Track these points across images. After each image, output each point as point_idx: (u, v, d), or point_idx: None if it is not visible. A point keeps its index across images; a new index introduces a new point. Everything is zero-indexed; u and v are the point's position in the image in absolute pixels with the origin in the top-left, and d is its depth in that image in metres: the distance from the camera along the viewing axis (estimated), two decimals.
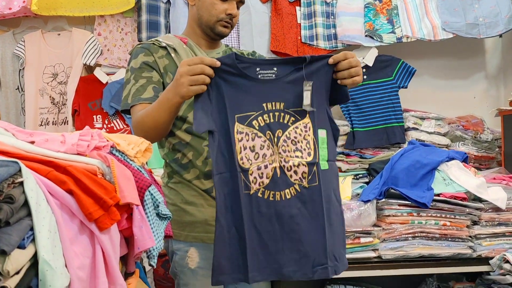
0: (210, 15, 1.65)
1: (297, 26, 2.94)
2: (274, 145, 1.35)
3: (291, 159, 1.34)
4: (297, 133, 1.36)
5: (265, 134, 1.35)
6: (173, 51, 1.65)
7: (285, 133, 1.35)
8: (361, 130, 2.80)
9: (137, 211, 1.08)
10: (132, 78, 1.61)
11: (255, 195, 1.33)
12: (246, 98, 1.34)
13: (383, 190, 1.74)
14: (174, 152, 1.66)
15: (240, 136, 1.34)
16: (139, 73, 1.61)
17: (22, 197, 0.81)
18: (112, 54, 2.86)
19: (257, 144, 1.34)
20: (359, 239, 1.68)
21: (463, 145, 2.76)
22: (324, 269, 1.32)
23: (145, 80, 1.60)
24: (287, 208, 1.34)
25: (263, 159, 1.34)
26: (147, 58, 1.63)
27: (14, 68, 2.86)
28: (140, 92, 1.57)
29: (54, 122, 2.84)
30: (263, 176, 1.34)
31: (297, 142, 1.35)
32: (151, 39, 1.71)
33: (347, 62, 1.34)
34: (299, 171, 1.34)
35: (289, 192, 1.34)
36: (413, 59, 3.04)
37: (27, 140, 1.02)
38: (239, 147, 1.33)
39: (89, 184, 0.95)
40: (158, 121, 1.47)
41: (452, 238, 1.72)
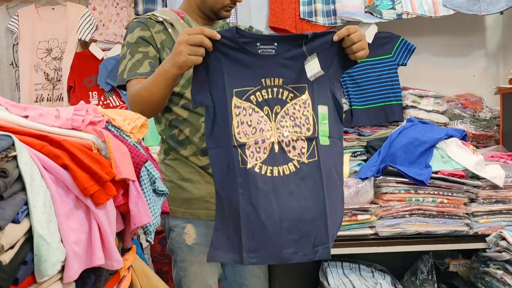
0: (216, 2, 1.64)
1: (296, 2, 2.89)
2: (272, 120, 1.33)
3: (290, 134, 1.32)
4: (296, 109, 1.34)
5: (263, 109, 1.33)
6: (170, 26, 1.62)
7: (283, 109, 1.34)
8: (359, 108, 2.78)
9: (133, 187, 1.08)
10: (128, 53, 1.58)
11: (252, 170, 1.30)
12: (245, 72, 1.32)
13: (381, 168, 1.74)
14: (171, 128, 1.65)
15: (238, 110, 1.32)
16: (135, 48, 1.58)
17: (16, 171, 0.80)
18: (107, 29, 2.82)
19: (254, 119, 1.32)
20: (356, 216, 1.68)
21: (461, 124, 2.75)
22: (325, 248, 1.29)
23: (141, 55, 1.57)
24: (285, 184, 1.30)
25: (260, 133, 1.32)
26: (144, 32, 1.60)
27: (8, 43, 2.82)
28: (136, 67, 1.55)
29: (49, 99, 2.81)
30: (260, 151, 1.32)
31: (296, 118, 1.34)
32: (148, 14, 1.68)
33: (349, 39, 1.32)
34: (297, 146, 1.32)
35: (288, 168, 1.31)
36: (412, 36, 3.00)
37: (20, 114, 1.00)
38: (236, 121, 1.32)
39: (84, 159, 0.94)
40: (154, 95, 1.44)
41: (449, 216, 1.72)
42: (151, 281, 1.38)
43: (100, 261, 0.91)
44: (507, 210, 1.75)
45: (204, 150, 1.60)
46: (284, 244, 1.28)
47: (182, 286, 1.68)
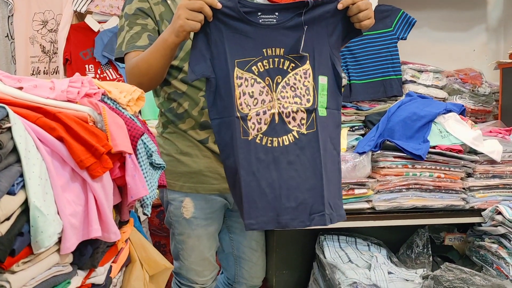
0: None
1: None
2: (273, 91, 1.33)
3: (290, 105, 1.33)
4: (297, 79, 1.34)
5: (264, 80, 1.33)
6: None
7: (284, 79, 1.33)
8: (358, 82, 2.76)
9: (129, 159, 1.07)
10: (126, 25, 1.56)
11: (254, 141, 1.33)
12: (247, 43, 1.31)
13: (379, 142, 1.73)
14: (169, 102, 1.63)
15: (240, 81, 1.32)
16: (133, 19, 1.56)
17: (11, 143, 0.79)
18: (103, 1, 2.77)
19: (256, 89, 1.32)
20: (353, 190, 1.68)
21: (460, 99, 2.74)
22: (321, 216, 1.32)
23: (140, 27, 1.55)
24: (285, 154, 1.33)
25: (261, 105, 1.33)
26: (142, 4, 1.57)
27: (3, 14, 2.77)
28: (135, 39, 1.53)
29: (45, 71, 2.79)
30: (261, 122, 1.33)
31: (296, 88, 1.34)
32: None
33: (356, 6, 1.30)
34: (297, 117, 1.33)
35: (287, 139, 1.34)
36: (413, 10, 2.96)
37: (15, 85, 0.99)
38: (238, 92, 1.31)
39: (80, 131, 0.93)
40: (152, 65, 1.43)
41: (446, 190, 1.73)
42: (149, 254, 1.39)
43: (97, 233, 0.92)
44: (503, 185, 1.76)
45: (203, 124, 1.60)
46: (283, 211, 1.33)
47: (180, 259, 1.70)
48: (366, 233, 1.94)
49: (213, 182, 1.64)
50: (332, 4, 1.31)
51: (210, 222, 1.66)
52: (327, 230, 1.88)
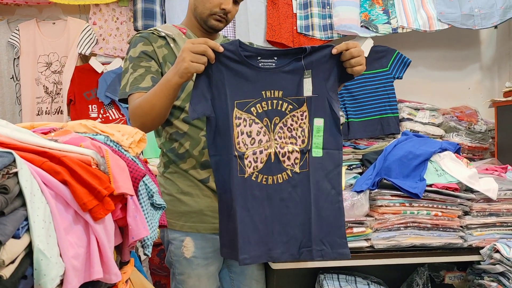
0: (204, 8, 1.64)
1: (293, 16, 2.94)
2: (270, 131, 1.39)
3: (286, 145, 1.39)
4: (294, 120, 1.40)
5: (262, 120, 1.39)
6: (172, 41, 1.65)
7: (282, 121, 1.40)
8: (356, 120, 2.82)
9: (131, 201, 1.10)
10: (131, 67, 1.61)
11: (249, 179, 1.39)
12: (246, 85, 1.38)
13: (376, 181, 1.76)
14: (171, 142, 1.67)
15: (238, 121, 1.38)
16: (137, 62, 1.61)
17: (17, 187, 0.82)
18: (107, 43, 2.86)
19: (254, 130, 1.38)
20: (352, 229, 1.69)
21: (457, 136, 2.78)
22: (309, 251, 1.40)
23: (144, 69, 1.60)
24: (278, 191, 1.40)
25: (258, 144, 1.39)
26: (146, 47, 1.63)
27: (9, 57, 2.85)
28: (139, 81, 1.57)
29: (48, 112, 2.84)
30: (257, 161, 1.40)
31: (293, 129, 1.40)
32: (150, 28, 1.70)
33: (349, 52, 1.36)
34: (292, 157, 1.40)
35: (281, 177, 1.41)
36: (408, 50, 3.05)
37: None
38: (236, 132, 1.37)
39: (83, 174, 0.96)
40: (155, 106, 1.47)
41: (444, 228, 1.74)
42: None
43: (99, 275, 0.93)
44: (500, 223, 1.77)
45: (204, 164, 1.63)
46: (274, 245, 1.41)
47: None
48: (365, 271, 1.94)
49: (214, 222, 1.65)
50: (328, 49, 1.38)
51: (211, 261, 1.67)
52: (327, 269, 1.88)
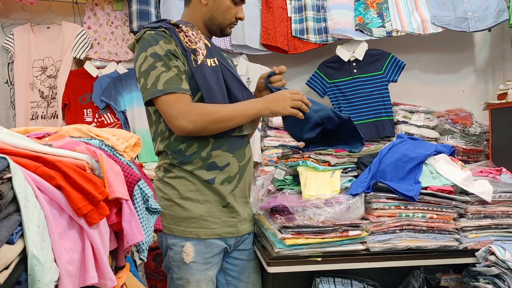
0: (225, 19, 1.73)
1: (288, 20, 2.95)
2: None
3: None
4: None
5: None
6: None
7: None
8: None
9: (126, 205, 1.09)
10: (161, 65, 1.55)
11: None
12: None
13: (371, 184, 1.75)
14: (177, 143, 1.66)
15: None
16: (167, 60, 1.57)
17: (11, 192, 0.82)
18: (102, 47, 2.85)
19: None
20: (347, 232, 1.69)
21: (452, 139, 2.80)
22: None
23: (176, 70, 1.57)
24: None
25: None
26: (169, 46, 1.60)
27: (3, 61, 2.84)
28: (177, 82, 1.55)
29: (43, 116, 2.83)
30: None
31: None
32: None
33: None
34: None
35: None
36: (403, 53, 3.07)
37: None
38: None
39: (78, 179, 0.96)
40: (233, 121, 1.61)
41: (439, 231, 1.74)
42: None
43: (94, 280, 0.93)
44: (495, 225, 1.77)
45: (210, 165, 1.64)
46: None
47: None
48: (361, 274, 1.94)
49: (214, 227, 1.66)
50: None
51: (210, 266, 1.66)
52: (323, 272, 1.88)
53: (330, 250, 1.69)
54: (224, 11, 1.72)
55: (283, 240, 1.64)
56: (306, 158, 1.83)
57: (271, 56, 2.98)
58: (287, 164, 1.88)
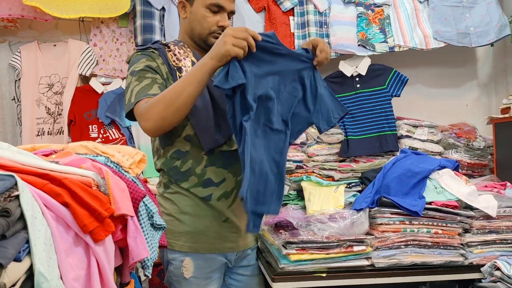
0: (202, 28, 1.67)
1: (291, 36, 2.97)
2: None
3: None
4: None
5: None
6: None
7: None
8: (355, 138, 2.83)
9: (131, 222, 1.10)
10: (135, 80, 1.56)
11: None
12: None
13: (375, 199, 1.76)
14: (172, 160, 1.67)
15: None
16: (142, 74, 1.57)
17: (18, 210, 0.83)
18: (107, 64, 2.89)
19: None
20: (352, 248, 1.69)
21: (456, 153, 2.79)
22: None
23: (150, 79, 1.56)
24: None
25: None
26: (150, 62, 1.61)
27: (10, 79, 2.88)
28: (146, 89, 1.52)
29: (50, 132, 2.86)
30: None
31: None
32: (149, 47, 1.67)
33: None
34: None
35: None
36: (405, 68, 3.08)
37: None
38: None
39: (84, 196, 0.97)
40: (183, 92, 1.40)
41: (444, 246, 1.74)
42: None
43: None
44: (500, 240, 1.77)
45: (206, 182, 1.64)
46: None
47: None
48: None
49: (214, 242, 1.66)
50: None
51: (210, 281, 1.66)
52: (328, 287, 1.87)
53: (335, 265, 1.69)
54: (200, 20, 1.66)
55: (288, 256, 1.64)
56: (310, 173, 1.84)
57: None
58: (291, 179, 1.89)
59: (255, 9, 2.97)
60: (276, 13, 2.96)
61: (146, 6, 2.80)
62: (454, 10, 2.94)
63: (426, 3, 2.99)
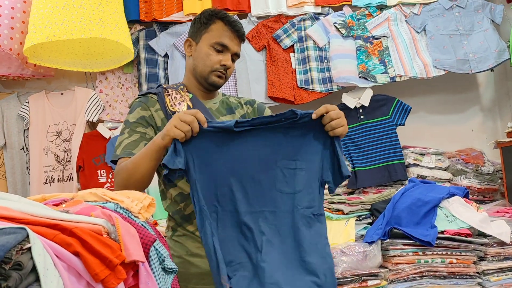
0: (205, 65, 1.68)
1: (292, 71, 3.02)
2: None
3: None
4: None
5: None
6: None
7: None
8: (363, 169, 2.83)
9: (143, 267, 1.10)
10: (126, 132, 1.61)
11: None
12: None
13: (386, 230, 1.75)
14: (176, 204, 1.67)
15: None
16: (134, 127, 1.62)
17: (30, 262, 0.83)
18: (114, 109, 2.94)
19: None
20: (366, 282, 1.66)
21: (465, 179, 2.77)
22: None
23: (139, 135, 1.60)
24: None
25: None
26: (144, 112, 1.64)
27: (19, 128, 2.92)
28: (132, 146, 1.57)
29: (59, 179, 2.88)
30: None
31: None
32: (150, 91, 1.71)
33: (328, 116, 1.38)
34: None
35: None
36: (408, 97, 3.11)
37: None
38: None
39: (94, 244, 0.97)
40: (139, 167, 1.47)
41: (460, 276, 1.71)
42: None
43: None
44: None
45: None
46: None
47: None
48: None
49: None
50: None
51: None
52: None
53: None
54: (203, 57, 1.67)
55: None
56: None
57: (278, 108, 3.04)
58: None
59: (256, 48, 3.04)
60: (277, 51, 3.02)
61: (150, 53, 2.88)
62: (451, 38, 2.99)
63: (424, 33, 3.04)
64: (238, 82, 2.98)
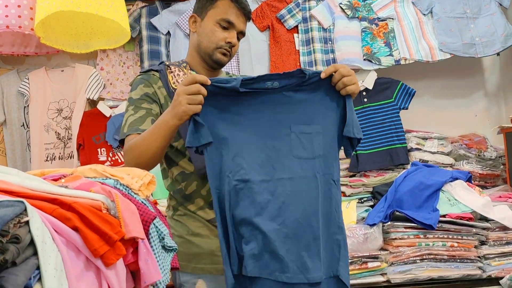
0: (210, 42, 1.65)
1: (296, 53, 2.98)
2: None
3: None
4: None
5: None
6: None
7: None
8: (365, 152, 2.81)
9: (142, 244, 1.09)
10: (131, 109, 1.59)
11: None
12: None
13: (388, 213, 1.74)
14: (177, 183, 1.66)
15: None
16: (139, 104, 1.59)
17: (28, 236, 0.82)
18: (114, 87, 2.91)
19: None
20: (366, 264, 1.66)
21: (467, 164, 2.76)
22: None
23: (144, 111, 1.58)
24: None
25: None
26: (147, 89, 1.62)
27: (19, 105, 2.90)
28: (138, 123, 1.55)
29: (60, 157, 2.87)
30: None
31: None
32: (151, 68, 1.69)
33: (338, 73, 1.32)
34: None
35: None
36: (412, 80, 3.07)
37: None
38: None
39: (94, 220, 0.96)
40: (151, 146, 1.45)
41: (461, 259, 1.70)
42: None
43: None
44: None
45: (211, 203, 1.61)
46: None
47: None
48: None
49: None
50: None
51: None
52: None
53: (350, 283, 1.66)
54: (208, 34, 1.65)
55: None
56: None
57: None
58: None
59: (260, 28, 2.99)
60: (281, 31, 2.98)
61: (152, 31, 2.84)
62: (458, 22, 2.94)
63: (430, 15, 2.99)
64: (240, 62, 2.94)
